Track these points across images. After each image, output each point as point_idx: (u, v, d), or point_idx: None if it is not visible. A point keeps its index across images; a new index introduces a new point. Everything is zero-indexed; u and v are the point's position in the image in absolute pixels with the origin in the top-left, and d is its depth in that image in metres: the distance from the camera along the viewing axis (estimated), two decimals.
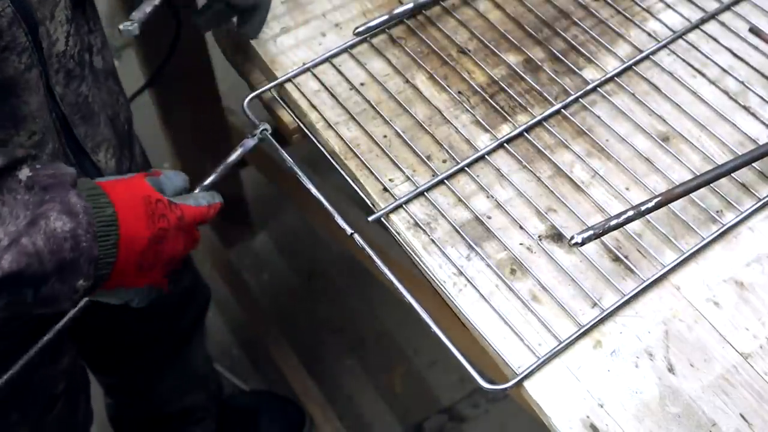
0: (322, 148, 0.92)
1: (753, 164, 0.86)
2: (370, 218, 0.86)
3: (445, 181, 0.87)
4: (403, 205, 0.86)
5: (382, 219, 0.86)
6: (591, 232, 0.77)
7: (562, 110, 0.93)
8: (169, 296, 1.29)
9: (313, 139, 0.93)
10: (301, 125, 0.94)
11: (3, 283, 0.65)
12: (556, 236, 0.83)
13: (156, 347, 1.32)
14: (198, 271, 1.39)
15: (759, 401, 0.74)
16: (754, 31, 0.98)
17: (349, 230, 0.83)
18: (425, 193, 0.87)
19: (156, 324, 1.29)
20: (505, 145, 0.90)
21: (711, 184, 0.85)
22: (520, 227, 0.84)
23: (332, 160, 0.91)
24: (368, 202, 0.87)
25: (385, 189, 0.87)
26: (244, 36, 0.98)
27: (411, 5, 1.00)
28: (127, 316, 1.19)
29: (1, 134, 0.75)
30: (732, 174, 0.85)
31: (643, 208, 0.80)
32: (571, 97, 0.93)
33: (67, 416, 1.11)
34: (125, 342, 1.28)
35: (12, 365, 0.93)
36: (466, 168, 0.88)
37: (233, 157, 0.89)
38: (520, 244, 0.83)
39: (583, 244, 0.77)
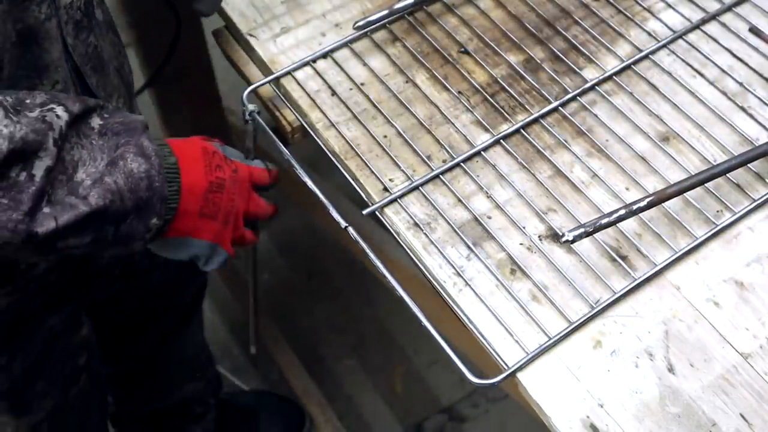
0: (324, 147, 0.92)
1: (750, 165, 0.86)
2: (364, 211, 0.86)
3: (444, 180, 0.87)
4: (400, 202, 0.86)
5: (377, 213, 0.86)
6: (582, 229, 0.78)
7: (561, 109, 0.93)
8: (168, 270, 1.30)
9: (315, 138, 0.93)
10: (302, 124, 0.94)
11: (90, 219, 0.70)
12: (556, 236, 0.83)
13: (156, 327, 1.33)
14: None
15: (759, 401, 0.74)
16: (754, 31, 0.98)
17: (343, 223, 0.83)
18: (424, 191, 0.87)
19: (156, 301, 1.29)
20: (504, 143, 0.90)
21: (711, 185, 0.85)
22: (520, 227, 0.84)
23: (333, 160, 0.91)
24: (368, 202, 0.87)
25: (386, 189, 0.87)
26: (199, 12, 0.97)
27: (411, 0, 1.00)
28: (130, 293, 1.20)
29: (27, 83, 0.76)
30: (728, 174, 0.85)
31: (635, 207, 0.80)
32: (569, 95, 0.93)
33: (91, 393, 1.12)
34: (126, 322, 1.28)
35: (31, 332, 0.97)
36: (466, 168, 0.88)
37: (249, 145, 0.95)
38: (520, 244, 0.83)
39: (574, 241, 0.78)
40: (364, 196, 0.88)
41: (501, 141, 0.91)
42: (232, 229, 0.85)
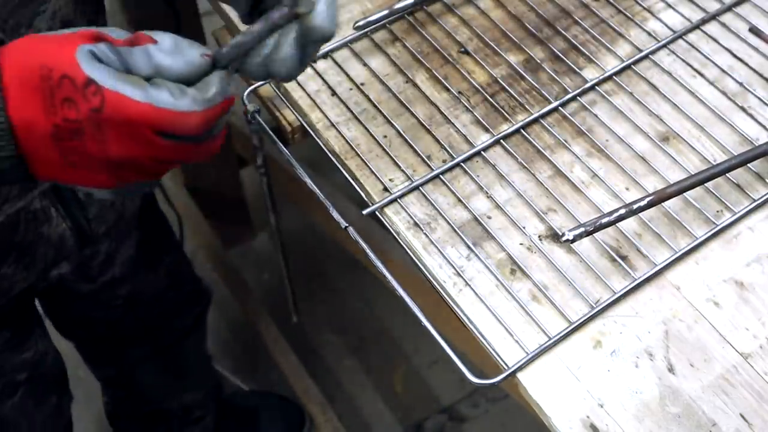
0: (324, 147, 0.92)
1: (750, 165, 0.86)
2: (364, 211, 0.86)
3: (444, 179, 0.87)
4: (400, 202, 0.86)
5: (377, 213, 0.86)
6: (582, 229, 0.78)
7: (561, 109, 0.93)
8: (167, 299, 1.30)
9: (315, 138, 0.93)
10: (302, 124, 0.94)
11: None
12: (556, 236, 0.83)
13: (153, 341, 1.33)
14: (198, 277, 1.39)
15: (759, 401, 0.74)
16: (754, 31, 0.98)
17: (343, 223, 0.83)
18: (424, 191, 0.87)
19: (153, 321, 1.29)
20: (504, 143, 0.90)
21: (711, 185, 0.85)
22: (520, 227, 0.84)
23: (333, 160, 0.91)
24: (368, 202, 0.87)
25: (386, 189, 0.87)
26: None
27: (411, 0, 1.00)
28: (122, 310, 1.19)
29: None
30: (728, 174, 0.85)
31: (635, 206, 0.80)
32: (569, 95, 0.93)
33: (32, 408, 1.09)
34: (121, 334, 1.28)
35: None
36: (466, 168, 0.88)
37: (254, 144, 0.83)
38: (520, 244, 0.83)
39: (574, 241, 0.78)
40: (364, 196, 0.88)
41: (501, 141, 0.91)
42: (134, 174, 0.58)
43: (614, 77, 0.95)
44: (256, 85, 0.96)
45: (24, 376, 1.06)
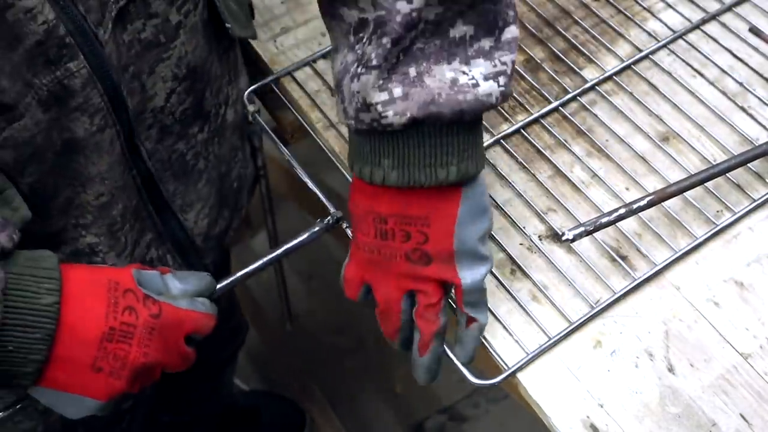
0: (324, 147, 0.92)
1: (750, 165, 0.86)
2: None
3: None
4: None
5: None
6: (582, 229, 0.78)
7: (561, 109, 0.93)
8: (217, 331, 1.29)
9: (315, 138, 0.93)
10: (302, 124, 0.94)
11: None
12: (556, 236, 0.83)
13: (193, 373, 1.32)
14: (240, 309, 1.39)
15: (759, 401, 0.74)
16: (754, 31, 0.98)
17: (343, 223, 0.83)
18: None
19: (200, 354, 1.28)
20: (504, 143, 0.90)
21: (711, 185, 0.85)
22: (520, 227, 0.84)
23: (333, 160, 0.91)
24: None
25: None
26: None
27: None
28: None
29: (69, 192, 0.72)
30: (728, 174, 0.85)
31: (635, 206, 0.80)
32: (569, 95, 0.93)
33: None
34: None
35: None
36: None
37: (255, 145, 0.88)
38: (520, 244, 0.83)
39: (574, 240, 0.77)
40: None
41: (501, 141, 0.91)
42: (140, 386, 0.69)
43: (614, 77, 0.95)
44: (257, 85, 0.96)
45: (129, 404, 1.00)
